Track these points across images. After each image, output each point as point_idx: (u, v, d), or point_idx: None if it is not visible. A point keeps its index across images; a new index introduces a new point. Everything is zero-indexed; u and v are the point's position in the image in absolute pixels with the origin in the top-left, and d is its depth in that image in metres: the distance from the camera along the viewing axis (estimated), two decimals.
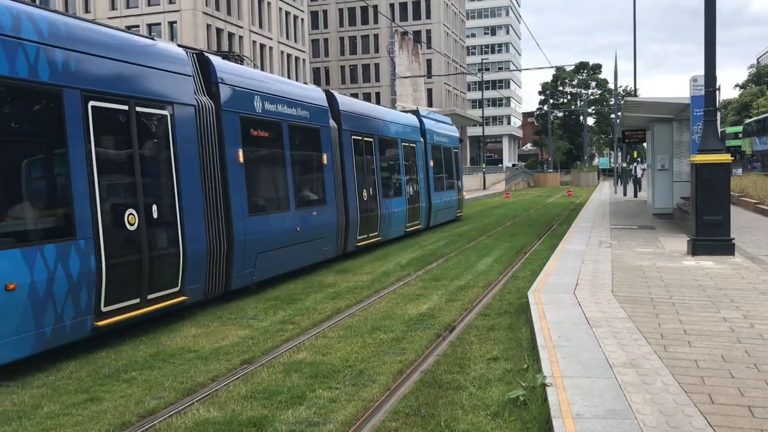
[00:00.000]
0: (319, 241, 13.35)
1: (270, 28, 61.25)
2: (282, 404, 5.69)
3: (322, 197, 13.81)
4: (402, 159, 19.36)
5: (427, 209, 21.51)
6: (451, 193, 24.86)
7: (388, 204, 17.69)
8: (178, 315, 9.32)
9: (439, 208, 22.82)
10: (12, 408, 5.78)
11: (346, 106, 15.79)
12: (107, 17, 51.89)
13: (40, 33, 7.04)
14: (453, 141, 26.08)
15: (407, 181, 19.61)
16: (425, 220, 21.34)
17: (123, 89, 8.17)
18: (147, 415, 5.53)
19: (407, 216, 19.29)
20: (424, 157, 21.69)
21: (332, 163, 14.36)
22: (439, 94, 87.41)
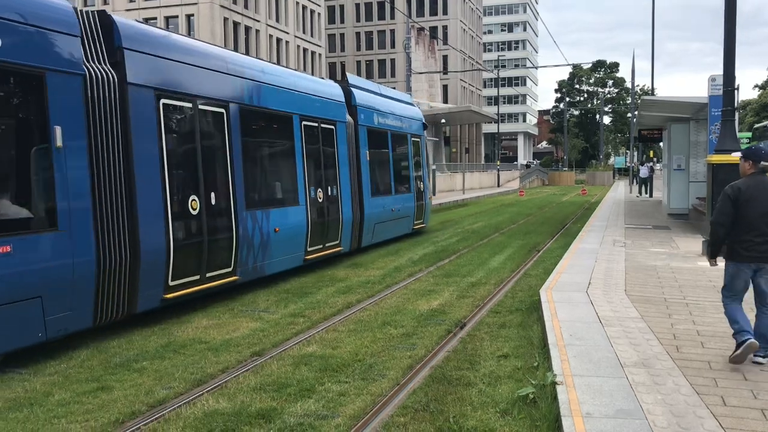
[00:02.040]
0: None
1: (287, 22, 61.29)
2: (291, 397, 5.69)
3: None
4: (300, 147, 12.37)
5: (354, 222, 14.61)
6: (406, 199, 18.14)
7: (256, 222, 10.61)
8: (190, 306, 9.35)
9: (381, 220, 16.14)
10: (24, 395, 5.82)
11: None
12: (125, 9, 52.14)
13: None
14: (412, 126, 19.25)
15: (311, 181, 12.67)
16: (350, 238, 14.40)
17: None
18: (157, 405, 5.56)
19: (307, 237, 12.35)
20: (351, 145, 14.81)
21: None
22: (454, 90, 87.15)
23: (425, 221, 19.89)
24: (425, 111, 65.40)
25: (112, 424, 5.15)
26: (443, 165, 57.80)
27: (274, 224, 11.17)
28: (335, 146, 13.91)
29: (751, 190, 5.89)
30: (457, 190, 48.59)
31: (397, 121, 18.00)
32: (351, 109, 15.00)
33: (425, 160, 20.47)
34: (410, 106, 20.11)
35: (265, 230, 10.88)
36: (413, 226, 18.82)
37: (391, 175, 17.25)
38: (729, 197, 5.93)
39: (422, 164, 19.82)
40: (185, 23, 51.41)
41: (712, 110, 14.36)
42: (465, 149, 79.31)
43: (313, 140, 12.96)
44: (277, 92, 11.73)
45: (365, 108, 15.77)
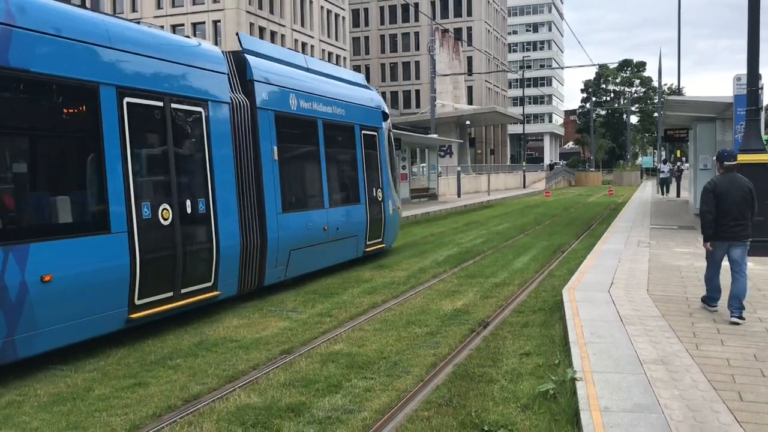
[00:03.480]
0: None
1: (312, 26, 61.83)
2: (319, 392, 5.92)
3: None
4: (118, 138, 7.76)
5: (248, 251, 10.10)
6: (351, 212, 13.47)
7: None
8: (221, 306, 9.65)
9: (304, 244, 11.58)
10: (66, 390, 6.13)
11: None
12: (153, 16, 53.02)
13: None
14: (364, 116, 14.53)
15: (144, 193, 8.17)
16: (236, 276, 9.84)
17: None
18: (191, 400, 5.82)
19: (132, 285, 7.77)
20: (242, 137, 10.17)
21: None
22: (479, 91, 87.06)
23: (387, 240, 15.12)
24: (450, 113, 65.51)
25: (150, 417, 5.41)
26: (468, 166, 57.82)
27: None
28: (204, 139, 9.21)
29: (725, 185, 7.56)
30: (482, 192, 48.60)
31: (337, 107, 13.10)
32: (245, 84, 10.42)
33: (387, 160, 15.26)
34: (362, 90, 15.06)
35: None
36: (365, 248, 14.03)
37: (324, 180, 12.46)
38: (709, 191, 7.64)
39: (382, 165, 14.97)
40: (212, 29, 52.15)
41: (737, 110, 14.32)
42: (490, 150, 79.19)
43: (151, 129, 8.49)
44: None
45: (272, 85, 10.98)
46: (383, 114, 15.48)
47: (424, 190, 37.70)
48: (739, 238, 7.55)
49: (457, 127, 64.66)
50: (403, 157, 33.87)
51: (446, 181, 43.89)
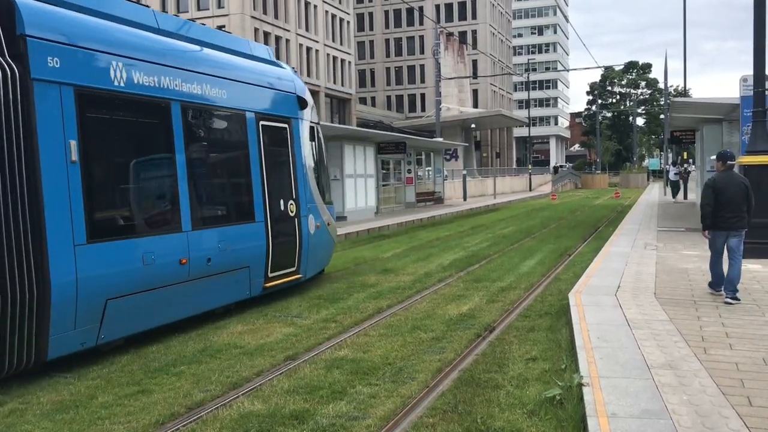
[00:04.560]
0: None
1: (316, 30, 61.91)
2: (323, 399, 5.87)
3: None
4: None
5: (24, 305, 6.42)
6: (244, 233, 9.81)
7: None
8: (226, 312, 9.61)
9: (146, 286, 7.92)
10: (69, 398, 6.09)
11: None
12: None
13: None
14: (263, 101, 10.63)
15: None
16: (21, 345, 6.42)
17: None
18: (195, 407, 5.78)
19: None
20: (12, 125, 6.46)
21: None
22: (484, 94, 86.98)
23: (309, 268, 11.30)
24: (455, 116, 65.51)
25: (152, 425, 5.38)
26: (474, 170, 57.75)
27: None
28: None
29: (723, 181, 8.60)
30: (488, 195, 48.51)
31: (212, 86, 9.27)
32: (14, 42, 6.66)
33: (307, 162, 11.40)
34: (266, 67, 11.00)
35: None
36: (266, 283, 10.17)
37: (182, 190, 8.62)
38: (709, 186, 8.71)
39: (297, 169, 11.06)
40: None
41: (743, 111, 14.23)
42: (496, 153, 79.12)
43: None
44: None
45: (71, 46, 7.19)
46: (300, 101, 11.29)
47: (430, 193, 37.65)
48: (736, 228, 8.59)
49: (463, 130, 64.65)
50: (408, 161, 33.83)
51: (452, 184, 43.82)
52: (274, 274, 10.34)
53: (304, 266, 11.18)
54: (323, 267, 12.58)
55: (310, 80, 59.87)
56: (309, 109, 11.78)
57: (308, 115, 11.71)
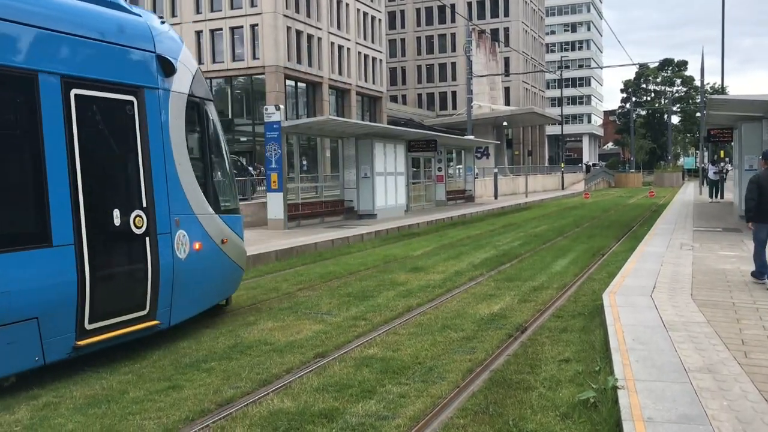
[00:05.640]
0: None
1: (348, 29, 61.95)
2: (353, 397, 5.83)
3: None
4: None
5: None
6: (22, 265, 6.13)
7: None
8: (255, 309, 9.63)
9: None
10: (101, 392, 6.14)
11: None
12: (193, 20, 53.70)
13: None
14: (83, 59, 6.93)
15: None
16: None
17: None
18: (225, 404, 5.78)
19: None
20: None
21: None
22: (516, 92, 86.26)
23: (174, 310, 7.91)
24: (486, 114, 65.08)
25: (182, 421, 5.39)
26: (505, 168, 57.32)
27: None
28: None
29: (766, 179, 9.47)
30: (519, 194, 48.09)
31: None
32: None
33: (164, 151, 7.79)
34: (98, 10, 7.40)
35: None
36: (82, 338, 6.75)
37: None
38: (753, 182, 9.59)
39: (156, 163, 7.68)
40: (249, 33, 52.59)
41: None
42: (528, 152, 78.40)
43: None
44: None
45: None
46: (163, 63, 7.78)
47: (461, 192, 37.43)
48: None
49: (494, 128, 64.23)
50: (439, 159, 33.67)
51: (483, 182, 43.53)
52: (98, 324, 6.90)
53: (165, 307, 7.65)
54: (214, 302, 9.07)
55: (342, 78, 59.97)
56: (183, 76, 8.16)
57: (181, 84, 8.11)
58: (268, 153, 21.05)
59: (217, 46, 54.00)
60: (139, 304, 7.42)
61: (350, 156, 24.96)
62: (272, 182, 20.89)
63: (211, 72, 53.78)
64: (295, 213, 21.84)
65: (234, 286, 9.71)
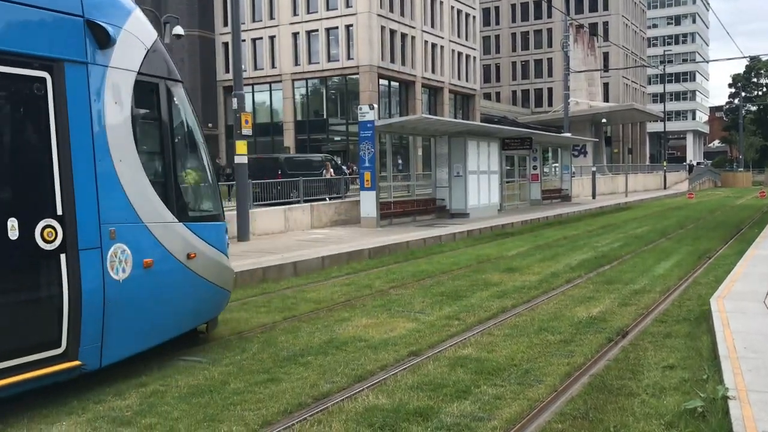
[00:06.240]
0: None
1: (442, 26, 61.76)
2: (447, 397, 5.80)
3: None
4: None
5: None
6: None
7: None
8: (349, 305, 9.76)
9: None
10: (204, 382, 6.38)
11: None
12: (289, 22, 55.03)
13: None
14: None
15: None
16: None
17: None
18: (321, 398, 5.88)
19: None
20: None
21: None
22: (616, 88, 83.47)
23: (108, 346, 6.18)
24: (584, 111, 63.28)
25: (281, 413, 5.52)
26: (604, 166, 55.59)
27: None
28: None
29: None
30: (619, 193, 46.52)
31: None
32: None
33: (92, 142, 6.03)
34: None
35: None
36: None
37: None
38: None
39: (78, 157, 5.90)
40: (344, 33, 53.38)
41: None
42: (628, 150, 75.80)
43: None
44: None
45: None
46: (96, 31, 6.12)
47: (557, 191, 36.59)
48: None
49: (592, 125, 62.42)
50: (534, 157, 33.04)
51: (580, 181, 42.40)
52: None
53: (92, 343, 6.01)
54: (179, 331, 7.27)
55: (434, 77, 59.88)
56: (130, 49, 6.53)
57: (125, 59, 6.43)
58: (361, 152, 21.30)
59: (312, 47, 55.10)
60: (51, 341, 5.74)
61: (443, 154, 24.88)
62: (365, 181, 21.12)
63: (306, 73, 55.00)
64: (387, 211, 21.98)
65: (213, 310, 7.87)
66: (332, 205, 22.56)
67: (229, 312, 9.54)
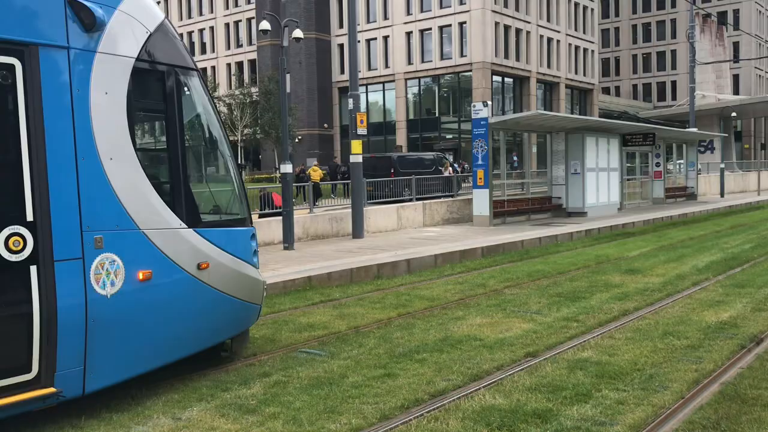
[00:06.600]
0: None
1: (558, 20, 60.27)
2: (567, 400, 5.66)
3: None
4: None
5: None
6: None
7: None
8: (463, 304, 9.72)
9: None
10: (324, 375, 6.57)
11: None
12: (403, 22, 55.48)
13: None
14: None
15: None
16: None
17: None
18: (437, 395, 5.90)
19: None
20: None
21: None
22: (747, 79, 78.35)
23: (93, 372, 5.37)
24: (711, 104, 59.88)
25: (398, 408, 5.58)
26: (733, 163, 52.33)
27: None
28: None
29: None
30: (750, 191, 43.64)
31: None
32: None
33: (70, 138, 5.23)
34: None
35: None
36: None
37: None
38: None
39: (54, 155, 5.12)
40: (458, 30, 53.18)
41: None
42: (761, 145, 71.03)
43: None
44: None
45: None
46: (78, 10, 5.31)
47: (681, 189, 34.79)
48: None
49: (720, 120, 58.97)
50: (657, 154, 31.58)
51: (707, 179, 40.13)
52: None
53: (73, 366, 5.25)
54: (189, 351, 6.39)
55: (550, 71, 58.55)
56: (125, 32, 5.74)
57: (118, 44, 5.64)
58: (474, 149, 21.14)
59: (425, 45, 55.30)
60: (18, 366, 5.00)
61: (559, 151, 24.27)
62: (478, 179, 20.96)
63: (419, 71, 55.28)
64: (500, 210, 21.72)
65: (235, 326, 6.95)
66: (444, 204, 22.55)
67: (346, 307, 9.80)
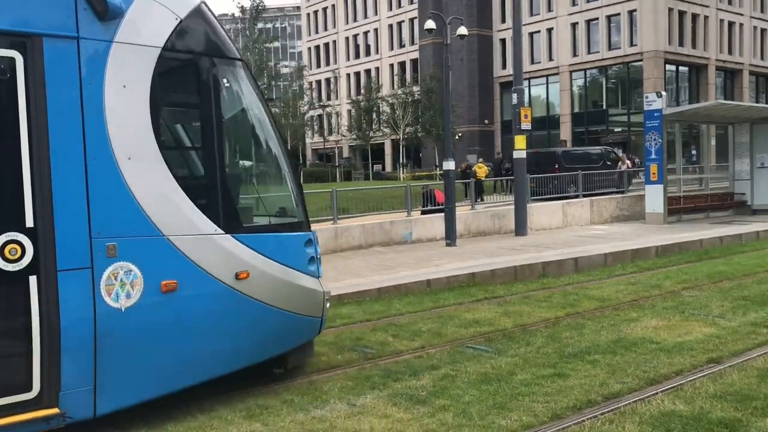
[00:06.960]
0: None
1: (741, 2, 55.55)
2: (758, 411, 5.25)
3: None
4: None
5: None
6: None
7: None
8: (638, 306, 9.28)
9: None
10: (492, 371, 6.57)
11: None
12: (568, 13, 53.74)
13: None
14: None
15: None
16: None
17: None
18: (611, 398, 5.70)
19: None
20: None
21: None
22: None
23: (103, 391, 4.89)
24: None
25: (570, 408, 5.47)
26: None
27: None
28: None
29: None
30: None
31: None
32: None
33: (106, 132, 4.91)
34: None
35: None
36: None
37: None
38: None
39: (59, 157, 4.70)
40: (627, 19, 50.66)
41: None
42: None
43: None
44: None
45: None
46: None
47: None
48: None
49: None
50: None
51: None
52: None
53: (82, 386, 4.82)
54: (225, 370, 5.70)
55: (731, 58, 54.16)
56: (147, 20, 5.20)
57: (140, 33, 5.13)
58: (647, 143, 20.10)
59: (592, 36, 53.23)
60: (16, 384, 4.61)
61: (743, 143, 22.43)
62: (651, 174, 19.90)
63: (585, 63, 53.34)
64: (675, 206, 20.52)
65: (287, 341, 6.24)
66: (613, 200, 21.64)
67: (511, 305, 9.73)
